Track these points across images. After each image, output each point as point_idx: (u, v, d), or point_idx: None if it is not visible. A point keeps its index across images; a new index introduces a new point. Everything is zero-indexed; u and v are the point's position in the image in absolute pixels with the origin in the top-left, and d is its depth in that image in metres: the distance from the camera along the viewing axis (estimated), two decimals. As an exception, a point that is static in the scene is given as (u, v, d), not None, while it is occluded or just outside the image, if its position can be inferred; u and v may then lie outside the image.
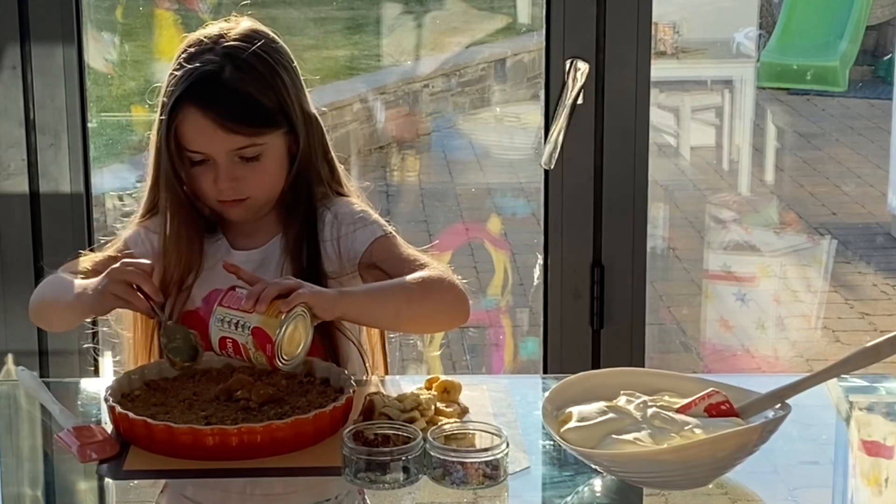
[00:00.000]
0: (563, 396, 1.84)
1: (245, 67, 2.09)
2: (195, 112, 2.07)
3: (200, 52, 2.11)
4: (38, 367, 2.86)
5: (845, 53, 5.28)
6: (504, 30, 5.79)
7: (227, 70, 2.08)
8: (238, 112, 2.07)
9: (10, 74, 2.80)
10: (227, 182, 2.09)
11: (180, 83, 2.08)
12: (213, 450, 1.80)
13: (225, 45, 2.11)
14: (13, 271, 2.85)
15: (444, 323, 2.13)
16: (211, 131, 2.07)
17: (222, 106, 2.06)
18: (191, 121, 2.08)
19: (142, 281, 1.96)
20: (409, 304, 2.03)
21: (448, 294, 2.06)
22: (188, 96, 2.07)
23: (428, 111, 5.71)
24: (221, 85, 2.08)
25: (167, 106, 2.10)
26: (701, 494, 1.74)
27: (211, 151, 2.08)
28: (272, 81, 2.11)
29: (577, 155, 2.84)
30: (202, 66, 2.08)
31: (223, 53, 2.10)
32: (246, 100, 2.08)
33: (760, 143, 5.65)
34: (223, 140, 2.07)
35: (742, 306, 4.55)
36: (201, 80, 2.07)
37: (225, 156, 2.08)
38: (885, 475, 1.89)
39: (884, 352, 1.77)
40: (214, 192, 2.11)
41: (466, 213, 5.36)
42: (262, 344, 1.86)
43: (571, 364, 2.83)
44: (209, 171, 2.10)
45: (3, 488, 1.90)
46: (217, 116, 2.06)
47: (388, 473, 1.73)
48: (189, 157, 2.10)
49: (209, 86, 2.07)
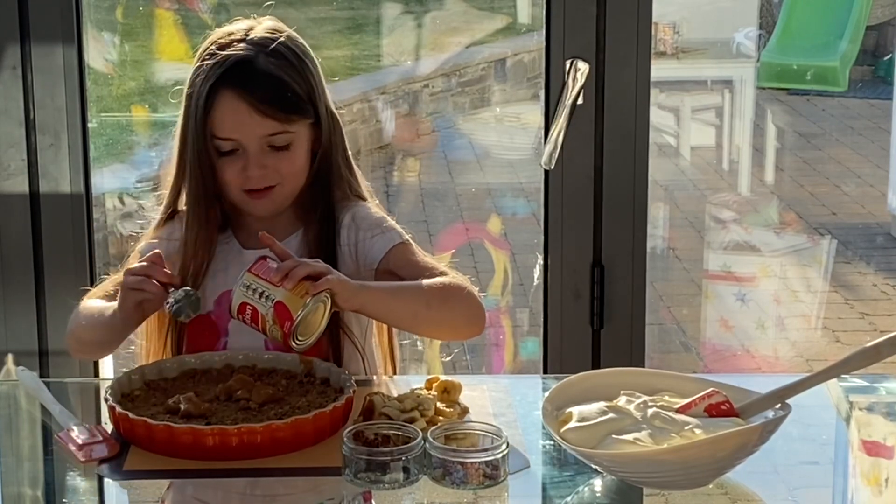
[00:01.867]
0: (563, 396, 1.84)
1: (277, 55, 2.13)
2: (230, 96, 2.09)
3: (230, 42, 2.14)
4: (38, 367, 2.86)
5: (845, 53, 5.28)
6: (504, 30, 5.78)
7: (260, 57, 2.12)
8: (273, 96, 2.10)
9: (10, 74, 2.80)
10: (256, 169, 2.10)
11: (213, 70, 2.11)
12: (213, 450, 1.81)
13: (254, 36, 2.14)
14: (13, 271, 2.85)
15: (459, 331, 2.14)
16: (246, 115, 2.09)
17: (258, 89, 2.09)
18: (225, 106, 2.09)
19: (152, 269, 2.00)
20: (427, 308, 2.05)
21: (466, 303, 2.09)
22: (223, 82, 2.10)
23: (428, 111, 5.71)
24: (256, 70, 2.11)
25: (201, 93, 2.11)
26: (701, 494, 1.74)
27: (243, 137, 2.10)
28: (302, 70, 2.14)
29: (577, 155, 2.84)
30: (235, 53, 2.11)
31: (253, 43, 2.13)
32: (280, 85, 2.11)
33: (760, 143, 5.65)
34: (257, 124, 2.09)
35: (742, 306, 4.55)
36: (236, 65, 2.10)
37: (256, 142, 2.10)
38: (885, 475, 1.89)
39: (884, 352, 1.77)
40: (242, 181, 2.12)
41: (466, 213, 5.36)
42: (282, 320, 1.89)
43: (571, 364, 2.83)
44: (238, 160, 2.11)
45: (3, 488, 1.90)
46: (253, 100, 2.08)
47: (388, 473, 1.73)
48: (218, 146, 2.11)
49: (244, 71, 2.10)
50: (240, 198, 2.16)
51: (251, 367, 2.05)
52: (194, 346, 2.17)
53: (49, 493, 1.87)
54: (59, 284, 2.86)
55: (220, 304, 2.15)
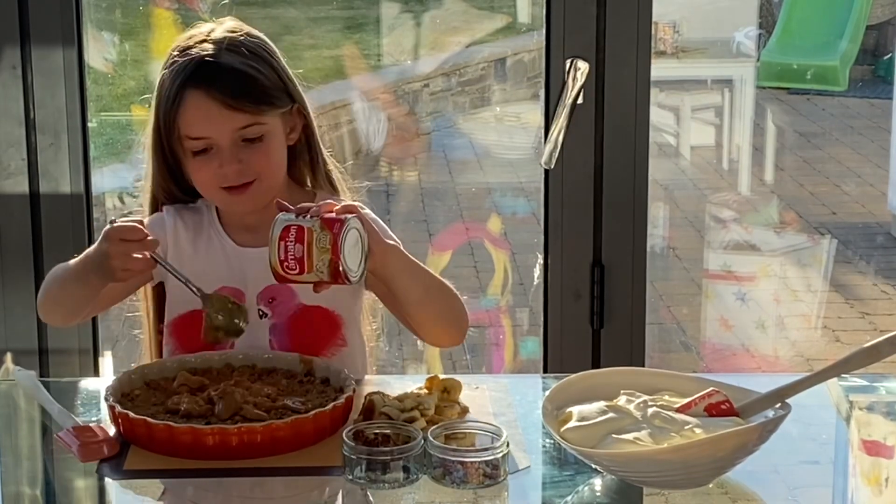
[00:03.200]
0: (563, 396, 1.84)
1: (240, 50, 2.14)
2: (198, 95, 2.10)
3: (192, 45, 2.15)
4: (38, 366, 2.86)
5: (845, 53, 5.28)
6: (504, 29, 5.78)
7: (223, 53, 2.13)
8: (240, 89, 2.10)
9: (10, 74, 2.80)
10: (231, 165, 2.10)
11: (178, 73, 2.12)
12: (213, 450, 1.81)
13: (216, 36, 2.16)
14: (13, 271, 2.85)
15: (447, 330, 2.12)
16: (216, 112, 2.09)
17: (224, 85, 2.09)
18: (194, 105, 2.10)
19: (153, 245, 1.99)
20: (438, 292, 2.07)
21: (459, 308, 2.11)
22: (189, 82, 2.10)
23: (428, 111, 5.71)
24: (221, 66, 2.11)
25: (168, 97, 2.12)
26: (701, 494, 1.74)
27: (215, 134, 2.10)
28: (268, 61, 2.16)
29: (577, 155, 2.84)
30: (199, 54, 2.12)
31: (216, 41, 2.15)
32: (246, 78, 2.12)
33: (760, 142, 5.65)
34: (227, 119, 2.09)
35: (742, 306, 4.55)
36: (200, 64, 2.11)
37: (229, 137, 2.10)
38: (885, 475, 1.89)
39: (884, 352, 1.77)
40: (219, 179, 2.12)
41: (466, 213, 5.36)
42: (331, 225, 1.86)
43: (571, 364, 2.83)
44: (212, 159, 2.11)
45: (3, 488, 1.90)
46: (220, 95, 2.09)
47: (388, 473, 1.73)
48: (190, 147, 2.11)
49: (209, 68, 2.11)
50: (219, 197, 2.16)
51: (251, 366, 2.05)
52: (182, 342, 2.17)
53: (49, 492, 1.87)
54: (59, 284, 2.85)
55: None
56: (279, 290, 2.14)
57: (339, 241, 1.86)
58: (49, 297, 2.16)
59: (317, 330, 2.16)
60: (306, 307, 2.16)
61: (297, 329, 2.16)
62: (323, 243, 1.86)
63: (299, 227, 1.87)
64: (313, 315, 2.16)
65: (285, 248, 1.87)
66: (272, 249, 1.88)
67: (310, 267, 1.87)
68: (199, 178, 2.14)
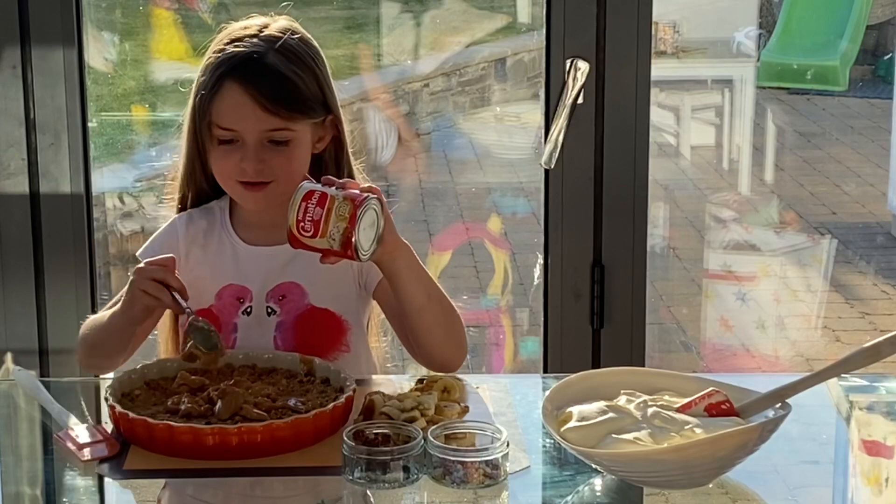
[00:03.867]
0: (563, 396, 1.84)
1: (288, 54, 2.14)
2: (236, 89, 2.10)
3: (243, 37, 2.16)
4: (38, 366, 2.86)
5: (845, 53, 5.28)
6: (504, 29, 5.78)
7: (270, 54, 2.13)
8: (279, 94, 2.11)
9: (10, 74, 2.80)
10: (252, 163, 2.11)
11: (223, 63, 2.12)
12: (213, 449, 1.81)
13: (268, 33, 2.16)
14: (13, 271, 2.85)
15: (446, 342, 2.10)
16: (249, 109, 2.10)
17: (263, 86, 2.10)
18: (230, 97, 2.11)
19: (166, 276, 2.00)
20: (440, 303, 2.08)
21: (461, 329, 2.12)
22: (231, 73, 2.11)
23: (428, 111, 5.71)
24: (265, 66, 2.12)
25: (208, 83, 2.12)
26: (701, 494, 1.74)
27: (243, 130, 2.11)
28: (313, 71, 2.16)
29: (577, 155, 2.84)
30: (247, 49, 2.13)
31: (267, 39, 2.15)
32: (287, 83, 2.12)
33: (760, 142, 5.65)
34: (259, 119, 2.10)
35: (742, 306, 4.55)
36: (245, 59, 2.12)
37: (256, 136, 2.11)
38: (885, 475, 1.89)
39: (884, 352, 1.77)
40: (238, 173, 2.13)
41: (466, 213, 5.36)
42: (353, 198, 1.90)
43: (571, 364, 2.83)
44: (235, 152, 2.12)
45: (3, 488, 1.90)
46: (258, 95, 2.10)
47: (388, 473, 1.73)
48: (217, 135, 2.13)
49: (253, 65, 2.12)
50: (234, 189, 2.16)
51: (251, 366, 2.05)
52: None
53: (49, 492, 1.87)
54: (59, 284, 2.86)
55: (220, 298, 2.17)
56: (290, 288, 2.15)
57: (358, 213, 1.89)
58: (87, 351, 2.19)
59: (322, 332, 2.17)
60: (314, 308, 2.16)
61: (303, 329, 2.16)
62: (342, 212, 1.90)
63: (323, 194, 1.92)
64: (320, 317, 2.17)
65: (305, 210, 1.91)
66: (292, 209, 1.91)
67: (324, 232, 1.91)
68: (219, 167, 2.16)
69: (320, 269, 2.11)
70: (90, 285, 2.87)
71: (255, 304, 2.16)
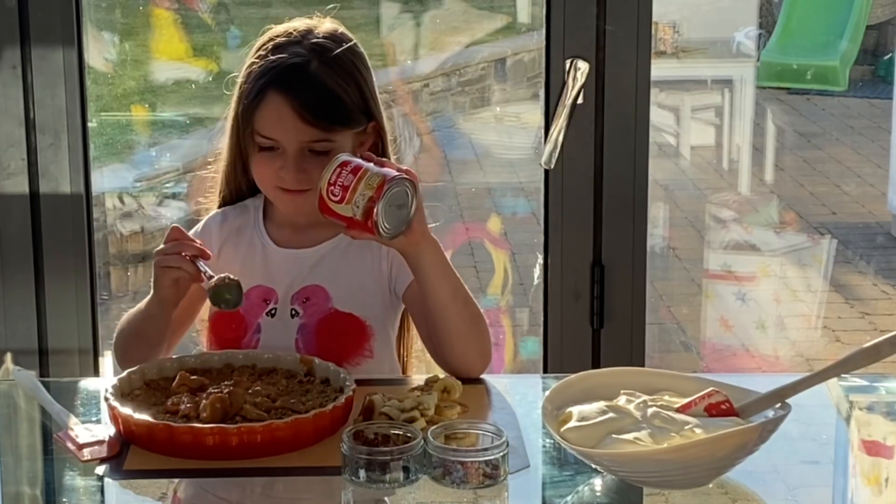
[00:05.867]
0: (563, 396, 1.84)
1: (332, 63, 2.14)
2: (278, 99, 2.10)
3: (288, 43, 2.15)
4: (38, 366, 2.86)
5: (845, 53, 5.27)
6: (504, 29, 5.78)
7: (314, 63, 2.13)
8: (320, 105, 2.11)
9: (10, 74, 2.80)
10: (292, 172, 2.12)
11: (266, 72, 2.12)
12: (213, 449, 1.80)
13: (313, 40, 2.16)
14: (13, 271, 2.85)
15: (469, 344, 2.10)
16: (290, 120, 2.10)
17: (306, 97, 2.10)
18: (272, 107, 2.11)
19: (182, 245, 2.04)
20: (465, 304, 2.08)
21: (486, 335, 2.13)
22: (273, 83, 2.11)
23: (428, 111, 5.71)
24: (308, 77, 2.12)
25: (251, 90, 2.13)
26: (701, 494, 1.74)
27: (284, 140, 2.11)
28: (356, 80, 2.16)
29: (577, 155, 2.84)
30: (290, 57, 2.13)
31: (310, 48, 2.15)
32: (329, 95, 2.12)
33: (760, 142, 5.65)
34: (300, 130, 2.10)
35: (742, 306, 4.55)
36: (288, 69, 2.12)
37: (297, 146, 2.11)
38: (885, 475, 1.89)
39: (884, 352, 1.77)
40: (277, 179, 2.14)
41: (466, 213, 5.36)
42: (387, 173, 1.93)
43: (571, 364, 2.83)
44: (276, 159, 2.13)
45: (3, 488, 1.90)
46: (299, 106, 2.10)
47: (388, 473, 1.73)
48: (259, 142, 2.14)
49: (295, 76, 2.12)
50: (274, 194, 2.18)
51: (251, 366, 2.05)
52: (219, 338, 2.20)
53: (49, 492, 1.87)
54: (59, 284, 2.86)
55: (248, 298, 2.16)
56: (315, 291, 2.16)
57: (386, 186, 1.91)
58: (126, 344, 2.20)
59: (345, 337, 2.17)
60: (338, 312, 2.17)
61: (325, 333, 2.16)
62: (371, 182, 1.92)
63: (358, 164, 1.95)
64: (343, 321, 2.17)
65: (338, 174, 1.94)
66: (326, 172, 1.95)
67: (350, 198, 1.93)
68: (260, 173, 2.17)
69: (346, 272, 2.12)
70: (90, 285, 2.87)
71: (280, 305, 2.17)
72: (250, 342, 2.16)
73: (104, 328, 2.98)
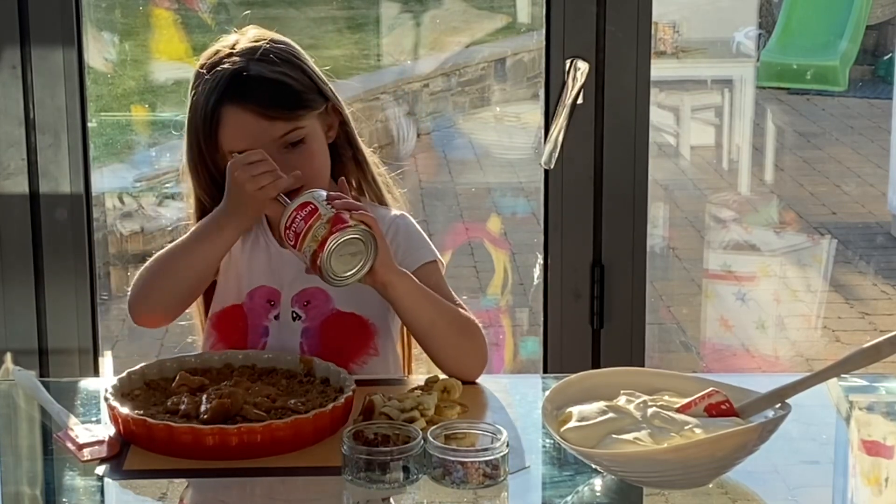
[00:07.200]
0: (563, 396, 1.84)
1: (268, 59, 2.15)
2: (234, 110, 2.11)
3: (220, 60, 2.16)
4: (38, 366, 2.86)
5: (845, 53, 5.27)
6: (504, 29, 5.79)
7: (251, 65, 2.13)
8: (274, 98, 2.12)
9: (10, 74, 2.80)
10: None
11: (212, 91, 2.12)
12: (213, 450, 1.81)
13: (242, 47, 2.17)
14: (13, 271, 2.85)
15: (464, 363, 2.10)
16: (254, 124, 2.10)
17: (257, 96, 2.11)
18: (232, 121, 2.11)
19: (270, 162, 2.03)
20: (448, 325, 2.08)
21: (478, 341, 2.13)
22: (223, 98, 2.11)
23: (428, 111, 5.71)
24: (251, 78, 2.12)
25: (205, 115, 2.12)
26: (701, 494, 1.74)
27: (258, 145, 2.10)
28: (297, 66, 2.17)
29: (577, 155, 2.84)
30: (228, 68, 2.13)
31: (243, 53, 2.15)
32: (277, 84, 2.13)
33: (760, 142, 5.65)
34: (267, 129, 2.11)
35: (742, 306, 4.55)
36: (231, 79, 2.12)
37: (271, 146, 2.10)
38: (885, 475, 1.89)
39: (884, 352, 1.77)
40: None
41: (466, 213, 5.36)
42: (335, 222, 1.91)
43: (571, 364, 2.83)
44: None
45: (3, 488, 1.90)
46: (256, 107, 2.10)
47: (388, 473, 1.73)
48: None
49: (241, 82, 2.12)
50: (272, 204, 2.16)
51: (251, 366, 2.05)
52: (223, 335, 2.19)
53: (49, 492, 1.87)
54: (59, 284, 2.86)
55: (252, 298, 2.17)
56: (315, 293, 2.16)
57: (331, 239, 1.91)
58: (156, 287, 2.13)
59: (349, 337, 2.17)
60: (340, 313, 2.17)
61: (329, 334, 2.16)
62: (318, 233, 1.92)
63: (314, 209, 1.93)
64: (346, 321, 2.17)
65: (293, 219, 1.94)
66: (285, 213, 1.94)
67: (301, 246, 1.93)
68: None
69: None
70: (90, 285, 2.87)
71: (283, 308, 2.17)
72: (257, 345, 2.16)
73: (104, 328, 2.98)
